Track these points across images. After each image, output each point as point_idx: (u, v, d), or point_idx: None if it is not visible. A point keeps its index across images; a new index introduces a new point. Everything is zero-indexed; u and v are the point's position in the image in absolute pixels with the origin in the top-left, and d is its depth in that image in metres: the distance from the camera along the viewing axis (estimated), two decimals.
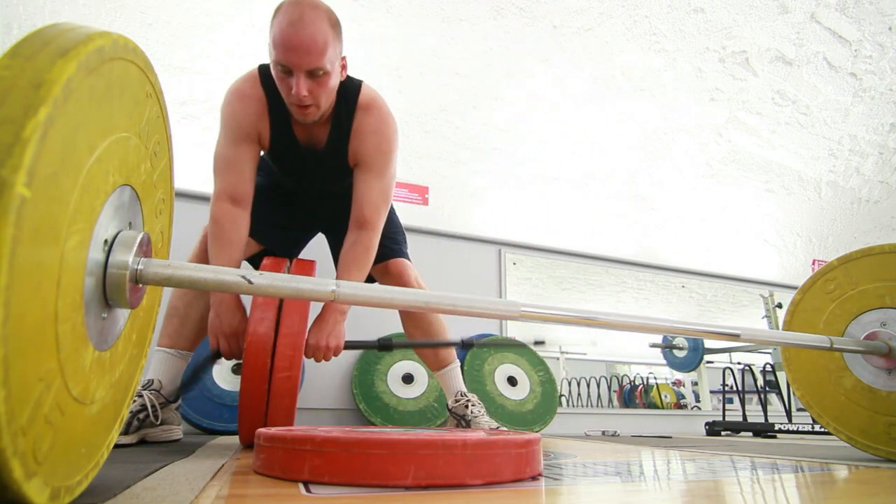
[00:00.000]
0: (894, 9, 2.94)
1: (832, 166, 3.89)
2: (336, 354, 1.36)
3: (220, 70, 2.47)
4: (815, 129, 3.61)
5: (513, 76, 2.98)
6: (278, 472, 0.71)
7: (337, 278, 1.34)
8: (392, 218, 1.67)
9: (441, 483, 0.65)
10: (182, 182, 2.32)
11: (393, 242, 1.65)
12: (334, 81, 1.28)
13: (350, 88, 1.38)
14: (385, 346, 1.48)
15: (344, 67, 1.33)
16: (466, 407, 1.65)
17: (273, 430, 0.77)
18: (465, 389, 1.71)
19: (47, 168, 0.40)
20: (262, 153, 1.48)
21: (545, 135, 3.27)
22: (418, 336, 1.67)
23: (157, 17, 2.31)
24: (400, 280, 1.61)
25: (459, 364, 1.77)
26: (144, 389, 1.35)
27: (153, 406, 1.31)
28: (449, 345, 1.64)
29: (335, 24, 1.24)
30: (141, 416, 1.29)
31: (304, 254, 1.75)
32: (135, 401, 1.31)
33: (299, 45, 1.17)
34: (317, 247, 1.83)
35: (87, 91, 0.46)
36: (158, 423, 1.34)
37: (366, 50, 2.66)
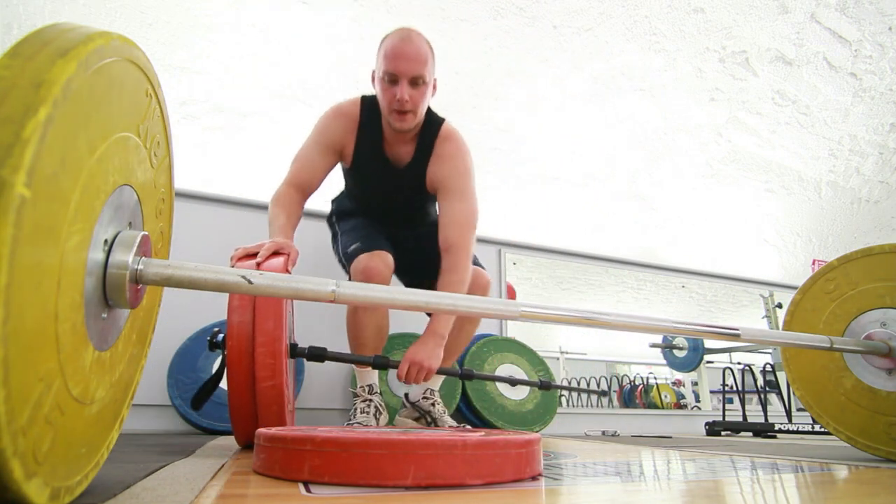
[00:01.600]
0: (894, 9, 2.94)
1: (832, 166, 3.89)
2: (427, 379, 1.41)
3: (220, 70, 2.47)
4: (815, 129, 3.62)
5: (513, 76, 2.98)
6: (278, 472, 0.71)
7: None
8: None
9: (441, 483, 0.65)
10: (182, 182, 2.32)
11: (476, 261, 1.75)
12: (429, 95, 1.51)
13: (435, 119, 1.60)
14: (380, 364, 1.46)
15: (435, 88, 1.55)
16: (434, 405, 1.67)
17: (273, 431, 0.76)
18: (437, 388, 1.75)
19: (47, 168, 0.40)
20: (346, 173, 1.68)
21: (545, 135, 3.27)
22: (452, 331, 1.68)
23: (157, 17, 2.31)
24: (478, 279, 1.67)
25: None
26: (372, 394, 1.64)
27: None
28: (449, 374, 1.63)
29: (432, 50, 1.49)
30: (377, 413, 1.61)
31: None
32: (370, 402, 1.63)
33: (406, 55, 1.41)
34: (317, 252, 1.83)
35: (87, 91, 0.46)
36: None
37: (366, 50, 2.66)
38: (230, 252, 1.33)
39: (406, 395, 1.77)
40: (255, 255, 1.27)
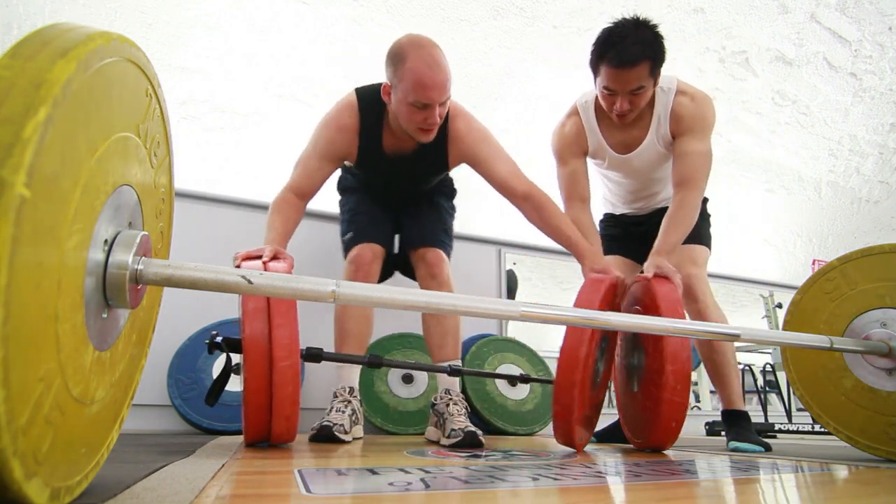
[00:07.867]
0: (894, 9, 2.94)
1: (832, 166, 3.89)
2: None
3: (220, 70, 2.46)
4: (815, 129, 3.62)
5: (513, 76, 2.98)
6: None
7: None
8: (449, 217, 1.89)
9: None
10: (182, 182, 2.31)
11: (444, 234, 1.81)
12: None
13: None
14: (374, 363, 1.51)
15: None
16: (447, 405, 1.62)
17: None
18: (457, 389, 1.68)
19: (47, 168, 0.40)
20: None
21: (545, 135, 3.27)
22: (433, 325, 1.72)
23: (157, 17, 2.31)
24: (433, 269, 1.70)
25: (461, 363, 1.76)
26: (352, 396, 1.60)
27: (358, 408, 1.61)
28: (437, 370, 1.65)
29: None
30: (354, 417, 1.55)
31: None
32: (349, 404, 1.57)
33: (438, 84, 1.40)
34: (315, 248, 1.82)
35: (87, 91, 0.46)
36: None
37: (366, 50, 2.66)
38: (230, 252, 1.34)
39: (432, 401, 1.70)
40: (257, 257, 1.31)
